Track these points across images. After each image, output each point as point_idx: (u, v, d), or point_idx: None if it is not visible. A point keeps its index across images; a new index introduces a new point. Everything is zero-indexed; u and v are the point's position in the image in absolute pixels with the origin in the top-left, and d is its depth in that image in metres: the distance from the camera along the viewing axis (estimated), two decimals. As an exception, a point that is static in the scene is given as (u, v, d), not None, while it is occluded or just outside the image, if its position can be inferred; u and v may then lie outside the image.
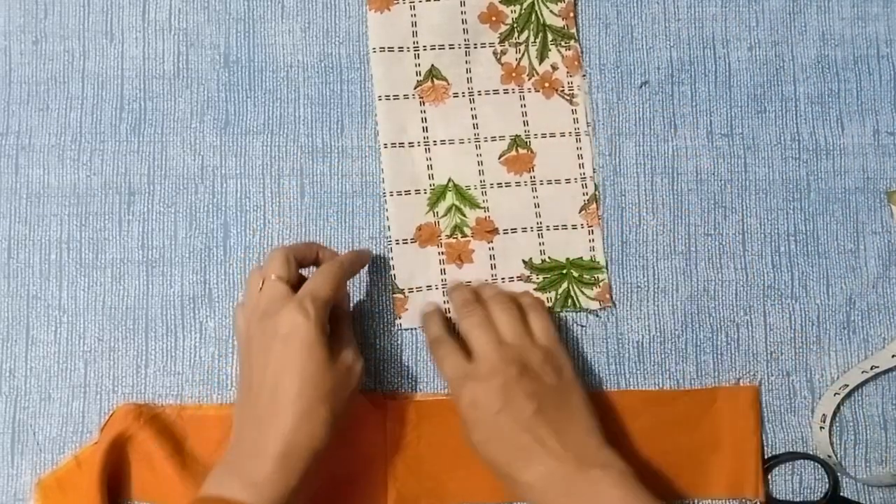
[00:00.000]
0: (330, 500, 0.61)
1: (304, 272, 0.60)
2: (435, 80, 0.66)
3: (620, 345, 0.64)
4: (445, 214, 0.65)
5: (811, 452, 0.63)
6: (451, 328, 0.62)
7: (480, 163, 0.66)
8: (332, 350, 0.55)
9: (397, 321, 0.64)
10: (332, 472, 0.61)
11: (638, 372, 0.64)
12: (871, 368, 0.63)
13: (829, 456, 0.63)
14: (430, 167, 0.65)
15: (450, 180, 0.65)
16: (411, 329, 0.64)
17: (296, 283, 0.57)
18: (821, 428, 0.63)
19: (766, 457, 0.63)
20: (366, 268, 0.64)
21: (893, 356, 0.63)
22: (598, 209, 0.66)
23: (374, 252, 0.64)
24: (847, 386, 0.63)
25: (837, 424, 0.64)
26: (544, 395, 0.56)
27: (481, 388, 0.56)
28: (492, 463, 0.56)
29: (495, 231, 0.65)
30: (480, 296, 0.62)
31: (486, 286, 0.63)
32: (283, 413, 0.53)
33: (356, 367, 0.57)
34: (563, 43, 0.67)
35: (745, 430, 0.63)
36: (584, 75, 0.67)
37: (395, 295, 0.64)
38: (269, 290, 0.56)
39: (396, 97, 0.65)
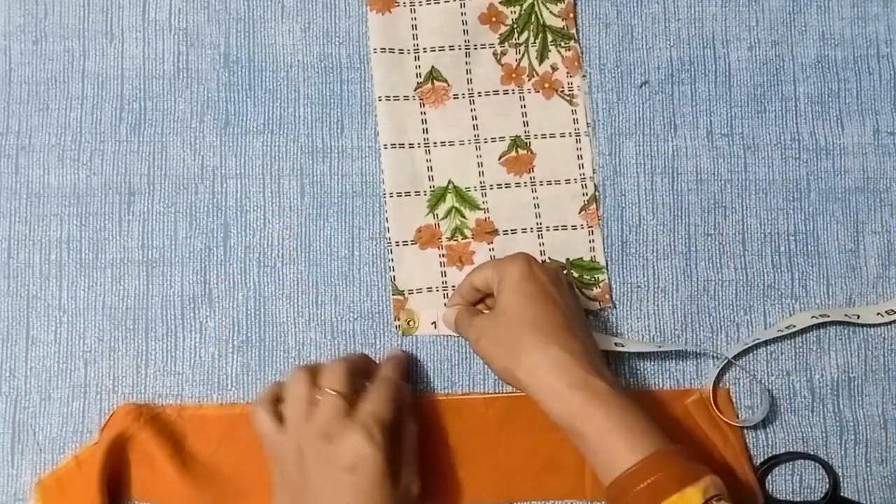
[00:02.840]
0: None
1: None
2: (435, 81, 0.66)
3: (620, 345, 0.64)
4: (445, 217, 0.65)
5: (811, 452, 0.63)
6: None
7: (480, 164, 0.66)
8: (394, 472, 0.54)
9: (396, 322, 0.64)
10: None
11: (638, 372, 0.64)
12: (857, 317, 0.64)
13: (829, 456, 0.63)
14: (429, 168, 0.65)
15: (449, 182, 0.65)
16: (411, 329, 0.64)
17: (352, 400, 0.55)
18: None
19: (766, 457, 0.63)
20: (366, 268, 0.64)
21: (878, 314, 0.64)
22: (597, 209, 0.65)
23: (374, 252, 0.64)
24: (827, 316, 0.63)
25: (837, 424, 0.64)
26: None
27: None
28: None
29: (495, 232, 0.65)
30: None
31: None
32: None
33: (413, 488, 0.56)
34: (562, 43, 0.67)
35: (744, 431, 0.63)
36: (584, 76, 0.67)
37: (394, 297, 0.64)
38: (327, 407, 0.54)
39: (397, 98, 0.65)
